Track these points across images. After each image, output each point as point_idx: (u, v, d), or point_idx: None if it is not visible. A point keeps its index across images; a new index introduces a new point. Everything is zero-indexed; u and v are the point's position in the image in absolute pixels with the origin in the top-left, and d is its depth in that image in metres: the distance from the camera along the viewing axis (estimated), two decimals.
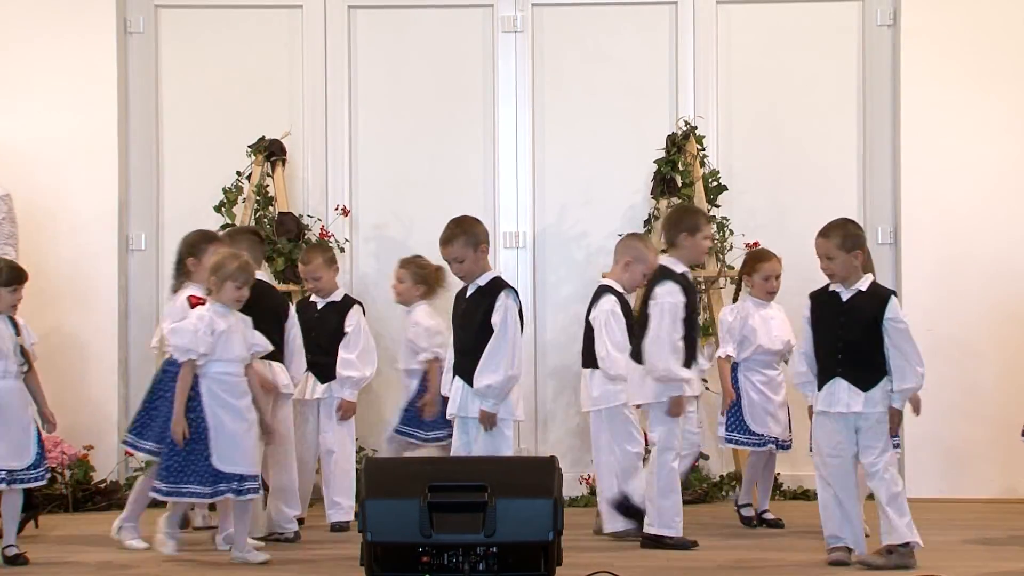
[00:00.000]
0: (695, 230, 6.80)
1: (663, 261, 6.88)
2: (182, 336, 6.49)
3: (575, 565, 6.11)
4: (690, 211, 7.02)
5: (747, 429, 7.53)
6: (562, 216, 8.94)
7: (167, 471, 6.49)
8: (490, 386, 6.54)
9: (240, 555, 6.52)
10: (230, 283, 6.51)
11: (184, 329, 6.50)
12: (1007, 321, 8.59)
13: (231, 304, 6.56)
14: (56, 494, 8.29)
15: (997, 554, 6.68)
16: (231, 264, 6.54)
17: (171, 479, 6.47)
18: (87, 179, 8.79)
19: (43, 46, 8.77)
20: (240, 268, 6.54)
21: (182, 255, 7.08)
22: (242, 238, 7.39)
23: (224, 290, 6.52)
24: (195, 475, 6.44)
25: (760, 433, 7.52)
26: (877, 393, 6.25)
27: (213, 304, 6.55)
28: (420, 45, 9.02)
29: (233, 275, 6.51)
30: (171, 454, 6.48)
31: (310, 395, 7.49)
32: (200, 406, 6.48)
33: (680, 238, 6.81)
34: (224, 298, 6.53)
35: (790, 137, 8.91)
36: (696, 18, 8.89)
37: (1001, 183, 8.65)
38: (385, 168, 9.01)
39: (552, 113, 8.96)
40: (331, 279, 7.66)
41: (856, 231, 6.44)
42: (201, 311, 6.54)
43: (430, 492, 5.69)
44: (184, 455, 6.45)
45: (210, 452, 6.44)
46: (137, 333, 8.88)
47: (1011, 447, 8.51)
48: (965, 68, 8.67)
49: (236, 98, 8.98)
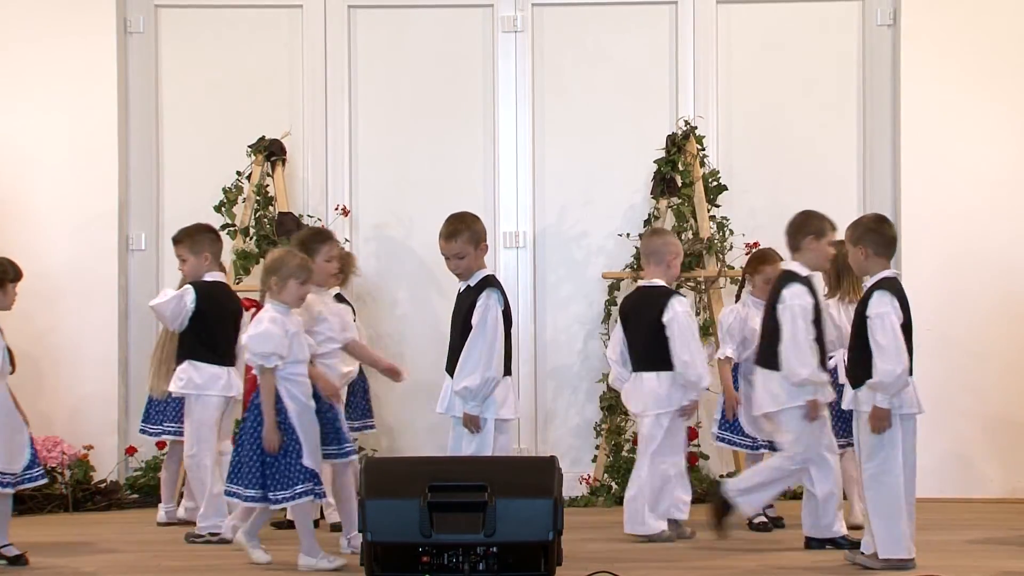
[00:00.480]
0: (821, 234, 6.72)
1: (787, 266, 6.85)
2: (266, 342, 6.25)
3: (575, 565, 6.11)
4: (815, 216, 6.84)
5: (740, 430, 7.53)
6: (562, 216, 8.94)
7: (258, 477, 6.28)
8: (467, 388, 6.46)
9: (312, 561, 6.36)
10: (293, 281, 6.32)
11: (268, 335, 6.26)
12: (1008, 320, 8.59)
13: (294, 303, 6.38)
14: (56, 494, 8.30)
15: (998, 554, 6.68)
16: (292, 261, 6.36)
17: (263, 485, 6.29)
18: (87, 179, 8.79)
19: (43, 46, 8.77)
20: (301, 265, 6.36)
21: None
22: (202, 237, 7.34)
23: (287, 289, 6.32)
24: (281, 480, 6.28)
25: (753, 437, 7.48)
26: (862, 392, 6.21)
27: (275, 305, 6.35)
28: (420, 45, 9.01)
29: (295, 272, 6.32)
30: (256, 460, 6.28)
31: None
32: (284, 410, 6.30)
33: (805, 242, 6.75)
34: (287, 297, 6.34)
35: (790, 137, 8.91)
36: (696, 18, 8.89)
37: (1001, 182, 8.65)
38: (385, 168, 9.01)
39: (552, 113, 8.96)
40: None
41: (855, 224, 6.44)
42: (271, 314, 6.32)
43: (430, 492, 5.69)
44: (272, 460, 6.27)
45: (302, 453, 6.27)
46: (137, 333, 8.88)
47: (1013, 447, 8.53)
48: (965, 68, 8.67)
49: (236, 98, 8.98)
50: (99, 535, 7.38)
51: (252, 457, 6.29)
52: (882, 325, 6.11)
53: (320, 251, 6.76)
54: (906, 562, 6.15)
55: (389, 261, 8.94)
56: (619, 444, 8.46)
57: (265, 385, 6.28)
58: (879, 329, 6.11)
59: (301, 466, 6.26)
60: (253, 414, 6.33)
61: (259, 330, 6.28)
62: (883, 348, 6.09)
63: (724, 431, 7.56)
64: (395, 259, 8.96)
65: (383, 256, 8.92)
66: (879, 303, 6.15)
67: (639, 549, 6.83)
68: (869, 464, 6.19)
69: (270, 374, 6.27)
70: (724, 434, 7.56)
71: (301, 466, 6.26)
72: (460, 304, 6.66)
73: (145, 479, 8.63)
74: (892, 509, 6.15)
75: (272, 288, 6.36)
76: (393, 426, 8.84)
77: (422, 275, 8.90)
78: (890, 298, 6.16)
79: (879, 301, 6.15)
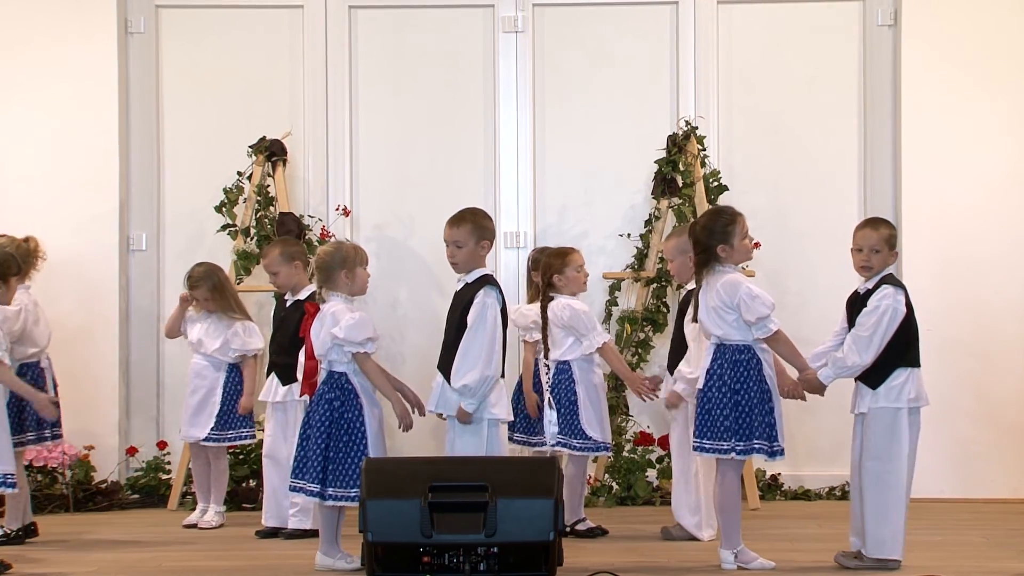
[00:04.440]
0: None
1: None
2: (362, 329, 6.25)
3: (575, 565, 6.11)
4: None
5: None
6: (562, 216, 8.94)
7: (319, 472, 6.23)
8: (467, 386, 6.39)
9: (329, 561, 6.33)
10: (360, 268, 6.37)
11: (362, 321, 6.26)
12: (1008, 321, 8.60)
13: (362, 290, 6.44)
14: (56, 494, 8.30)
15: (999, 554, 6.68)
16: (348, 250, 6.40)
17: (323, 481, 6.24)
18: (87, 179, 8.79)
19: (43, 46, 8.78)
20: (357, 249, 6.43)
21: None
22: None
23: (357, 277, 6.37)
24: (341, 477, 6.23)
25: None
26: (882, 391, 6.22)
27: (341, 297, 6.36)
28: (421, 45, 9.02)
29: (359, 259, 6.39)
30: (319, 456, 6.24)
31: (272, 397, 7.35)
32: (360, 405, 6.31)
33: None
34: (359, 286, 6.39)
35: (790, 137, 8.91)
36: (696, 18, 8.89)
37: (1002, 183, 8.65)
38: (386, 168, 9.02)
39: (552, 113, 8.96)
40: (291, 275, 7.38)
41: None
42: (343, 305, 6.33)
43: (431, 492, 5.69)
44: (334, 456, 6.25)
45: (367, 451, 6.24)
46: (138, 333, 8.89)
47: (1014, 447, 8.53)
48: (966, 68, 8.67)
49: (236, 98, 8.98)
50: (99, 535, 7.37)
51: (316, 452, 6.25)
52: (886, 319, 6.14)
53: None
54: (894, 562, 6.16)
55: (389, 261, 8.94)
56: (620, 444, 8.46)
57: (372, 369, 6.32)
58: (868, 317, 6.14)
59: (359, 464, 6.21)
60: (318, 409, 6.29)
61: (354, 319, 6.26)
62: (868, 341, 6.12)
63: None
64: (395, 259, 8.96)
65: (383, 256, 8.92)
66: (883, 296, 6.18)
67: (639, 549, 6.83)
68: (873, 463, 6.19)
69: (371, 360, 6.32)
70: None
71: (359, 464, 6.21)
72: (456, 301, 6.64)
73: (146, 479, 8.63)
74: (892, 508, 6.15)
75: (343, 281, 6.36)
76: (393, 426, 8.81)
77: (422, 275, 8.90)
78: (904, 295, 6.21)
79: (883, 294, 6.19)
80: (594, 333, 7.23)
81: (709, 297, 6.22)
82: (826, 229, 8.64)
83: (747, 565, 6.20)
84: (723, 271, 6.23)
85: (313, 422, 6.29)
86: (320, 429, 6.25)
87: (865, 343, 6.14)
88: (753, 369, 6.16)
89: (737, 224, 6.26)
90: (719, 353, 6.21)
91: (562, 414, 7.22)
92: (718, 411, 6.17)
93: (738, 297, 6.13)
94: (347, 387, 6.29)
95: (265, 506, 7.39)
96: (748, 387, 6.15)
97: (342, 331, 6.24)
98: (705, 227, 6.30)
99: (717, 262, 6.24)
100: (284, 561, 6.55)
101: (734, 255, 6.25)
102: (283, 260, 7.36)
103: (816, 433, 8.61)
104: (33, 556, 6.60)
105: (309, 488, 6.26)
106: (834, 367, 6.21)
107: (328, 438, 6.24)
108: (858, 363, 6.15)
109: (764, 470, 8.59)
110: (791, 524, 7.62)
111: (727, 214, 6.33)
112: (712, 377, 6.20)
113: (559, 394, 7.23)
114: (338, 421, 6.26)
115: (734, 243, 6.24)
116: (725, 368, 6.17)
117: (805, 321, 8.17)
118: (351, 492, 6.18)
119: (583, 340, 7.23)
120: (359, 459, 6.19)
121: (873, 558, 6.17)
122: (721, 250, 6.22)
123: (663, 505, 8.13)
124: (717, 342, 6.22)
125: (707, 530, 7.03)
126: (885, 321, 6.14)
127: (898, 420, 6.17)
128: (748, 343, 6.17)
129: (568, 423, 7.21)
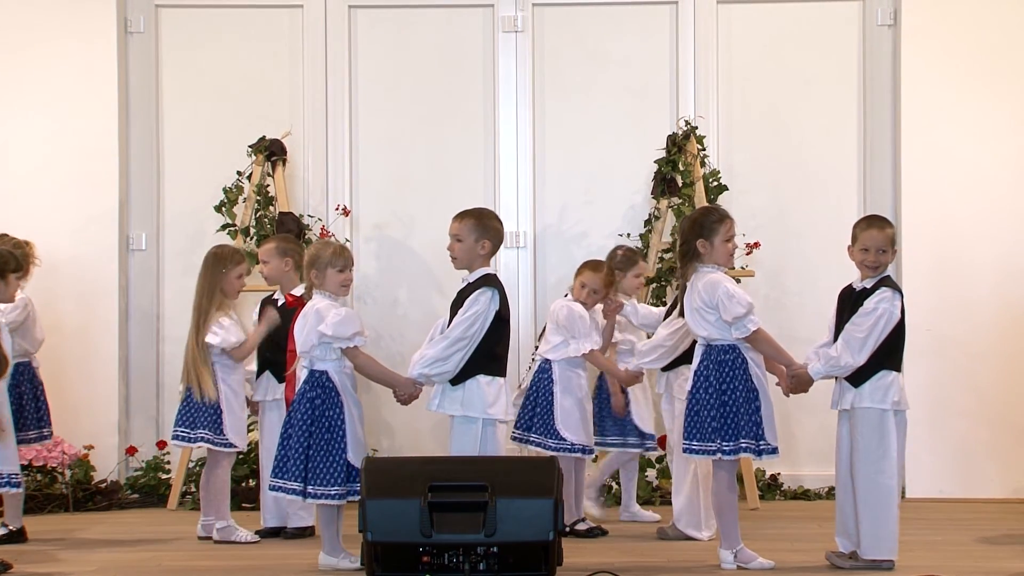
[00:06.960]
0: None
1: None
2: (348, 324, 6.26)
3: (575, 565, 6.12)
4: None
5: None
6: (562, 216, 8.95)
7: (301, 471, 6.24)
8: (424, 355, 6.35)
9: (333, 560, 6.32)
10: (331, 269, 6.35)
11: (348, 317, 6.28)
12: (1008, 321, 8.59)
13: (337, 291, 6.40)
14: (56, 494, 8.30)
15: (997, 554, 6.68)
16: (326, 251, 6.40)
17: (304, 479, 6.24)
18: (87, 179, 8.79)
19: (43, 46, 8.78)
20: (336, 252, 6.40)
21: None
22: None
23: (328, 278, 6.36)
24: (322, 475, 6.23)
25: None
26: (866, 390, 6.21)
27: (323, 295, 6.37)
28: (420, 45, 9.02)
29: (332, 261, 6.37)
30: (300, 454, 6.24)
31: (269, 395, 7.32)
32: (341, 404, 6.28)
33: None
34: (330, 286, 6.37)
35: (790, 137, 8.91)
36: (696, 18, 8.89)
37: (1002, 183, 8.65)
38: (385, 168, 9.02)
39: (552, 113, 8.96)
40: (279, 269, 7.35)
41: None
42: (328, 302, 6.34)
43: (430, 492, 5.69)
44: (315, 454, 6.24)
45: (347, 450, 6.24)
46: (138, 333, 8.89)
47: (1013, 447, 8.54)
48: (966, 68, 8.67)
49: (236, 98, 8.98)
50: (99, 535, 7.37)
51: (298, 451, 6.26)
52: (882, 323, 6.13)
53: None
54: (889, 563, 6.17)
55: (389, 261, 8.94)
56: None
57: (364, 361, 6.34)
58: (863, 317, 6.13)
59: (345, 462, 6.22)
60: (300, 408, 6.29)
61: (339, 316, 6.27)
62: (863, 343, 6.11)
63: None
64: (395, 259, 8.96)
65: (383, 256, 8.92)
66: (881, 299, 6.17)
67: (639, 549, 6.83)
68: (865, 465, 6.19)
69: (362, 353, 6.33)
70: None
71: (345, 462, 6.22)
72: (457, 300, 6.65)
73: (145, 479, 8.63)
74: (885, 510, 6.16)
75: (314, 281, 6.39)
76: (393, 426, 8.84)
77: (422, 275, 8.90)
78: (900, 300, 6.20)
79: (880, 296, 6.17)
80: (584, 339, 7.24)
81: (692, 298, 6.25)
82: (826, 229, 8.63)
83: (746, 565, 6.21)
84: (705, 271, 6.25)
85: (295, 421, 6.31)
86: (301, 428, 6.26)
87: (859, 344, 6.14)
88: (739, 369, 6.17)
89: (724, 225, 6.28)
90: (706, 354, 6.23)
91: (538, 413, 7.25)
92: (705, 412, 6.18)
93: (716, 297, 6.15)
94: (328, 385, 6.30)
95: (265, 506, 7.39)
96: (734, 387, 6.16)
97: (330, 328, 6.25)
98: (693, 219, 6.35)
99: (697, 259, 6.26)
100: (284, 561, 6.55)
101: (713, 254, 6.26)
102: (276, 253, 7.38)
103: (816, 433, 8.60)
104: (33, 555, 6.60)
105: (290, 487, 6.27)
106: (826, 364, 6.20)
107: (309, 436, 6.26)
108: (851, 363, 6.15)
109: (763, 470, 8.59)
110: (790, 524, 7.63)
111: (717, 212, 6.38)
112: (699, 378, 6.22)
113: (537, 392, 7.26)
114: (319, 420, 6.27)
115: (715, 241, 6.25)
116: (711, 369, 6.19)
117: (804, 321, 8.17)
118: (331, 490, 6.20)
119: (571, 343, 7.24)
120: (340, 457, 6.22)
121: (867, 559, 6.18)
122: (701, 245, 6.24)
123: (663, 505, 8.13)
124: (704, 343, 6.24)
125: (706, 530, 7.04)
126: (881, 324, 6.15)
127: (885, 421, 6.18)
128: (733, 343, 6.18)
129: (543, 422, 7.22)
